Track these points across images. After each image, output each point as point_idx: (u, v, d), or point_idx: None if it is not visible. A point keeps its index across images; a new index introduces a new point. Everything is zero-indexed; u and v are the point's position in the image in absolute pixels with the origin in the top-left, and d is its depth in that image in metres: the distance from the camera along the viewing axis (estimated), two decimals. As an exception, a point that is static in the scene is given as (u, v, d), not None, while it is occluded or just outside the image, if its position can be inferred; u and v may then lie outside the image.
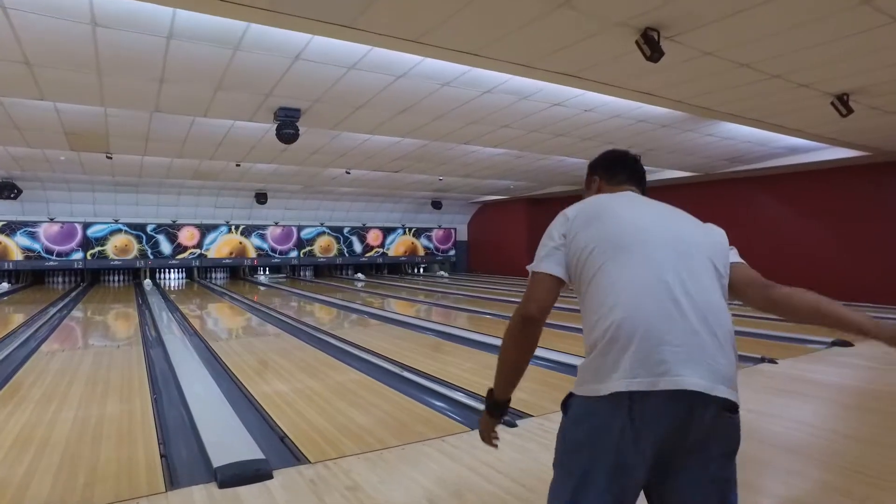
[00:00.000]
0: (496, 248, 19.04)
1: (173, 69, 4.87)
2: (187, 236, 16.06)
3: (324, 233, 17.96)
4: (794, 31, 4.02)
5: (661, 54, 3.88)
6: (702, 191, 12.26)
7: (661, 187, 12.63)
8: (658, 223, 1.40)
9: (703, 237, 1.41)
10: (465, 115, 6.73)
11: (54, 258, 14.42)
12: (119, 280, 15.83)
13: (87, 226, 14.77)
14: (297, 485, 2.48)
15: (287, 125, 6.22)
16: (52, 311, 9.42)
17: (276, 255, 17.27)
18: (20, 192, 12.85)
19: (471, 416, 3.49)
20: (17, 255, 14.02)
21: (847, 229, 10.22)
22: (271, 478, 2.53)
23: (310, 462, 2.74)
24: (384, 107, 6.24)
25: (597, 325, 1.28)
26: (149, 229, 15.56)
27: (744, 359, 4.87)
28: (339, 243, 18.18)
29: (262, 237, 17.03)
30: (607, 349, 1.24)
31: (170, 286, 14.93)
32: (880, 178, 9.71)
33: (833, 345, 5.64)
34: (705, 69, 4.70)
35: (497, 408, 1.51)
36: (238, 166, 10.53)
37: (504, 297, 11.12)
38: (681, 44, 4.15)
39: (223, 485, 2.46)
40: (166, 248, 15.81)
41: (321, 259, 17.97)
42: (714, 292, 1.31)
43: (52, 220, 14.36)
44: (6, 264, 13.92)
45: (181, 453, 2.95)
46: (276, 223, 17.18)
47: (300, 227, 17.58)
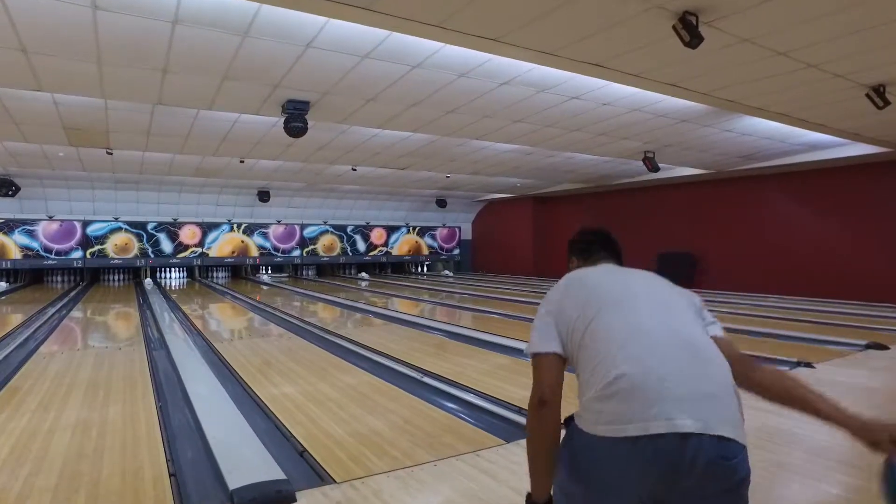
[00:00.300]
0: (501, 247, 18.80)
1: (178, 57, 4.63)
2: (188, 235, 15.80)
3: (327, 231, 17.69)
4: (833, 17, 3.80)
5: (701, 40, 3.65)
6: (711, 189, 12.05)
7: (668, 185, 12.48)
8: (639, 283, 1.51)
9: (680, 296, 1.50)
10: (479, 109, 6.49)
11: (53, 257, 14.17)
12: (119, 279, 15.61)
13: (86, 224, 14.52)
14: (322, 508, 2.24)
15: (295, 118, 5.99)
16: (51, 311, 9.19)
17: (279, 254, 17.01)
18: (18, 189, 12.63)
19: (497, 425, 3.25)
20: (15, 253, 13.77)
21: (864, 228, 10.02)
22: (294, 501, 2.29)
23: (335, 482, 2.49)
24: (396, 100, 6.00)
25: (595, 370, 1.31)
26: (149, 227, 15.30)
27: (780, 363, 4.67)
28: (342, 242, 17.91)
29: (265, 236, 16.77)
30: (610, 393, 1.26)
31: (171, 285, 14.68)
32: (897, 175, 9.53)
33: (867, 347, 5.44)
34: (741, 57, 4.47)
35: None
36: (242, 163, 10.29)
37: (513, 297, 10.88)
38: (719, 30, 3.92)
39: (241, 509, 2.21)
40: (167, 246, 15.54)
41: (324, 258, 17.70)
42: (703, 336, 1.38)
43: (50, 217, 14.12)
44: (4, 263, 13.67)
45: (191, 470, 2.68)
46: (279, 221, 16.92)
47: (303, 226, 17.32)
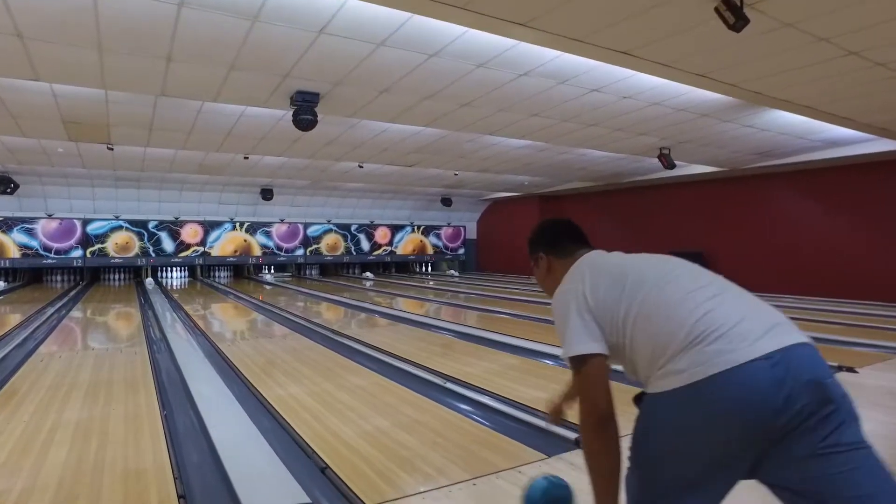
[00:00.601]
0: (507, 247, 18.53)
1: (183, 44, 4.37)
2: (190, 233, 15.54)
3: (331, 230, 17.43)
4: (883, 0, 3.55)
5: (746, 22, 3.40)
6: (721, 188, 11.81)
7: (678, 184, 12.25)
8: (664, 259, 1.45)
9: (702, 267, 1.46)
10: (496, 102, 6.24)
11: (52, 256, 13.92)
12: (120, 279, 15.38)
13: (86, 222, 14.27)
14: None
15: (305, 110, 5.74)
16: (51, 310, 8.97)
17: (282, 253, 16.75)
18: (17, 186, 12.37)
19: (530, 435, 3.00)
20: (14, 252, 13.52)
21: (879, 227, 9.76)
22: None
23: (363, 504, 2.24)
24: (410, 91, 5.75)
25: (671, 335, 1.24)
26: (150, 226, 15.05)
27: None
28: (346, 241, 17.64)
29: (268, 234, 16.50)
30: (699, 340, 1.20)
31: (172, 285, 14.44)
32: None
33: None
34: (780, 44, 4.22)
35: None
36: (246, 159, 10.03)
37: (521, 297, 10.63)
38: (761, 12, 3.66)
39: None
40: (168, 245, 15.29)
41: (328, 257, 17.44)
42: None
43: (50, 216, 13.87)
44: (2, 262, 13.42)
45: (202, 492, 2.42)
46: (282, 220, 16.66)
47: (306, 225, 17.05)
